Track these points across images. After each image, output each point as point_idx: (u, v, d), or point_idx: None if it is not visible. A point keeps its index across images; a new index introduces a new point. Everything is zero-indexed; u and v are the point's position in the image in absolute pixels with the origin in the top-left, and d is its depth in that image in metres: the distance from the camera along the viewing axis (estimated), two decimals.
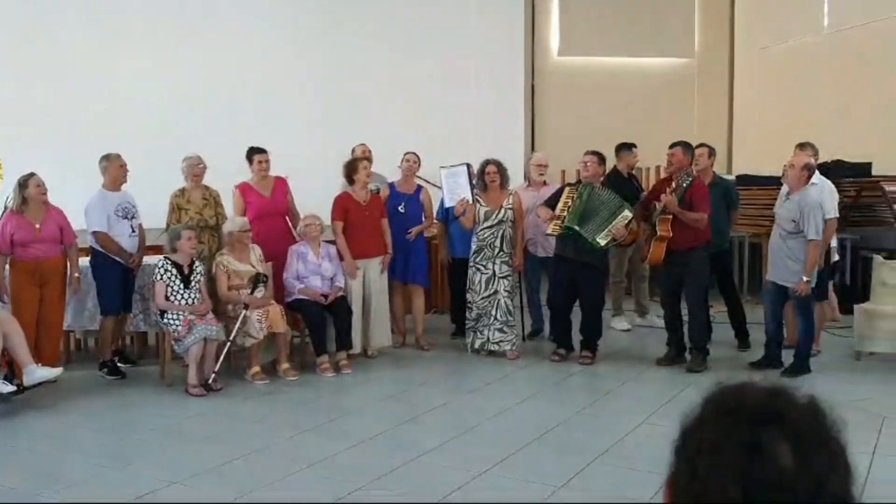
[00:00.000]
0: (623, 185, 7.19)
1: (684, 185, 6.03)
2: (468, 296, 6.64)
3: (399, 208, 6.98)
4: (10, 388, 5.13)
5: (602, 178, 6.49)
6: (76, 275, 5.99)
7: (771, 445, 0.96)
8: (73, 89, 9.87)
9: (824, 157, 7.18)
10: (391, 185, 7.16)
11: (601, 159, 6.50)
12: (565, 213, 6.22)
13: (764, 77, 11.82)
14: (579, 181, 6.63)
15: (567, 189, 6.43)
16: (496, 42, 11.29)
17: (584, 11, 11.83)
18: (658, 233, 6.09)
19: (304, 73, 10.65)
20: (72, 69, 9.91)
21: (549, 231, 6.37)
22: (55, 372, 5.39)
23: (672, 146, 6.31)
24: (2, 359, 5.23)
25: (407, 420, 5.04)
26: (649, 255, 6.24)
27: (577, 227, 6.17)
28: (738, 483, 0.95)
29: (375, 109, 10.65)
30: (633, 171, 7.80)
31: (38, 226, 5.78)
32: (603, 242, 6.19)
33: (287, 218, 6.82)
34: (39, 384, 5.33)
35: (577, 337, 6.47)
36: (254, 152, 6.69)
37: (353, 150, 7.33)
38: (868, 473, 4.04)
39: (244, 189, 6.66)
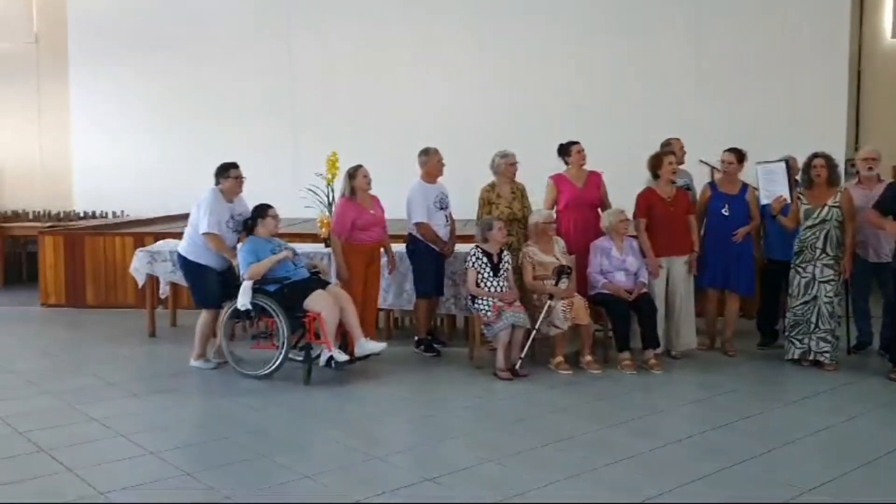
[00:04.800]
0: None
1: None
2: (789, 300, 6.21)
3: (722, 211, 6.55)
4: (345, 357, 5.71)
5: None
6: (393, 256, 6.56)
7: None
8: (395, 91, 10.90)
9: None
10: (712, 186, 6.82)
11: None
12: None
13: None
14: None
15: None
16: (816, 22, 10.42)
17: None
18: None
19: (606, 70, 10.66)
20: (395, 75, 10.94)
21: None
22: (381, 346, 5.91)
23: None
24: (338, 331, 5.82)
25: (719, 426, 4.82)
26: None
27: None
28: None
29: (679, 102, 10.37)
30: None
31: (372, 211, 6.38)
32: None
33: (599, 210, 6.80)
34: (367, 356, 5.88)
35: None
36: (571, 144, 6.77)
37: (669, 144, 7.10)
38: None
39: (558, 179, 6.77)
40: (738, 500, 3.75)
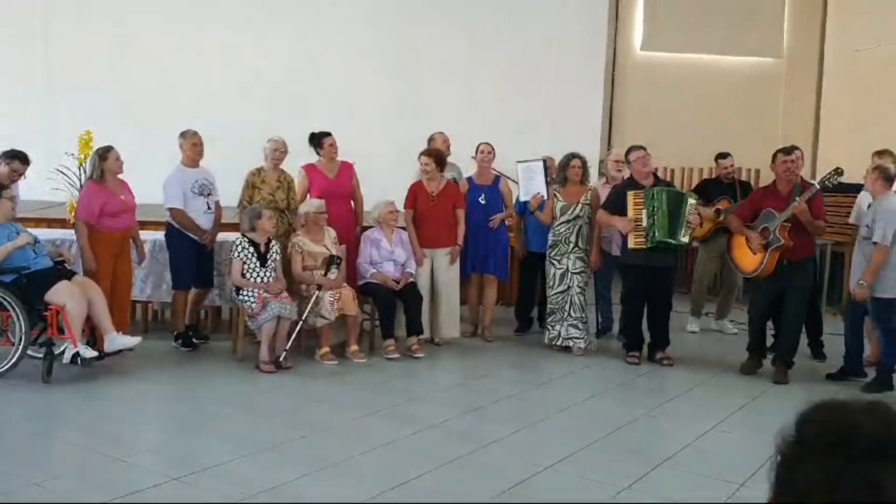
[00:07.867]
0: (721, 191, 7.19)
1: (813, 193, 5.70)
2: (547, 290, 6.64)
3: (480, 200, 6.95)
4: (92, 353, 5.30)
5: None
6: (144, 246, 6.19)
7: (892, 483, 0.92)
8: (161, 70, 10.23)
9: None
10: (469, 179, 7.13)
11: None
12: (647, 225, 6.04)
13: (856, 81, 11.38)
14: (631, 182, 6.36)
15: (631, 195, 6.16)
16: (577, 33, 11.15)
17: (670, 6, 11.58)
18: (781, 241, 5.71)
19: (379, 61, 10.73)
20: (161, 51, 10.26)
21: (632, 245, 6.12)
22: (135, 341, 5.55)
23: (790, 151, 5.94)
24: (86, 325, 5.40)
25: (473, 409, 5.03)
26: (763, 265, 5.79)
27: (671, 241, 6.03)
28: None
29: (450, 99, 10.67)
30: (733, 177, 7.53)
31: (122, 197, 5.97)
32: (686, 239, 6.13)
33: (352, 202, 6.87)
34: (119, 351, 5.50)
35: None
36: (322, 136, 6.76)
37: (433, 139, 7.30)
38: None
39: (309, 169, 6.77)
40: (472, 483, 3.92)
